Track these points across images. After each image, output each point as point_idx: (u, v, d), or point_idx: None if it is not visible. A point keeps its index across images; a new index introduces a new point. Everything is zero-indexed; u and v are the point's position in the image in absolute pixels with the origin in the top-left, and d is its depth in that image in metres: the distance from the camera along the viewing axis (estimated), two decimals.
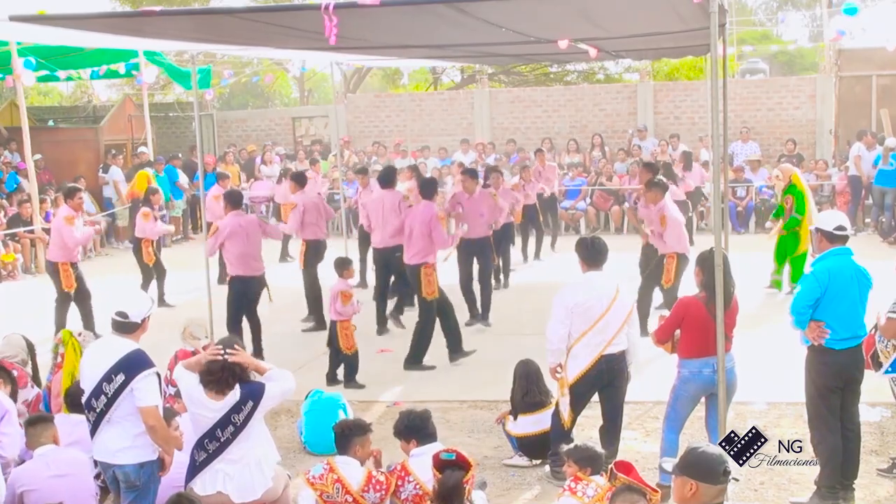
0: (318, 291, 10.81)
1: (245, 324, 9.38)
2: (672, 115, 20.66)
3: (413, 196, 11.84)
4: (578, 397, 6.31)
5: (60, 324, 10.36)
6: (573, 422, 6.35)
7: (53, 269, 10.45)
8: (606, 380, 6.30)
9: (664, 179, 10.21)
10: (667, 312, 6.45)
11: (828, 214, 6.10)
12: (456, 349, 9.26)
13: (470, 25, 7.37)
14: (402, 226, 9.56)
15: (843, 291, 5.71)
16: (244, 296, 9.34)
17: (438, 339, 9.26)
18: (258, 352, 9.09)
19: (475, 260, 10.94)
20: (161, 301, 12.00)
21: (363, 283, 12.42)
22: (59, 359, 6.68)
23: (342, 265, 8.95)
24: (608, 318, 6.18)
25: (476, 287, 10.90)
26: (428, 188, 9.66)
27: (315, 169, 17.10)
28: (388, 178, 10.66)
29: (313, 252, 11.01)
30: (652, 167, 11.47)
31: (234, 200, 9.69)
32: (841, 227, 5.83)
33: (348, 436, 5.38)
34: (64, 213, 10.52)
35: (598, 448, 5.20)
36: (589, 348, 6.18)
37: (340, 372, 8.70)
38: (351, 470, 5.24)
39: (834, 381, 5.82)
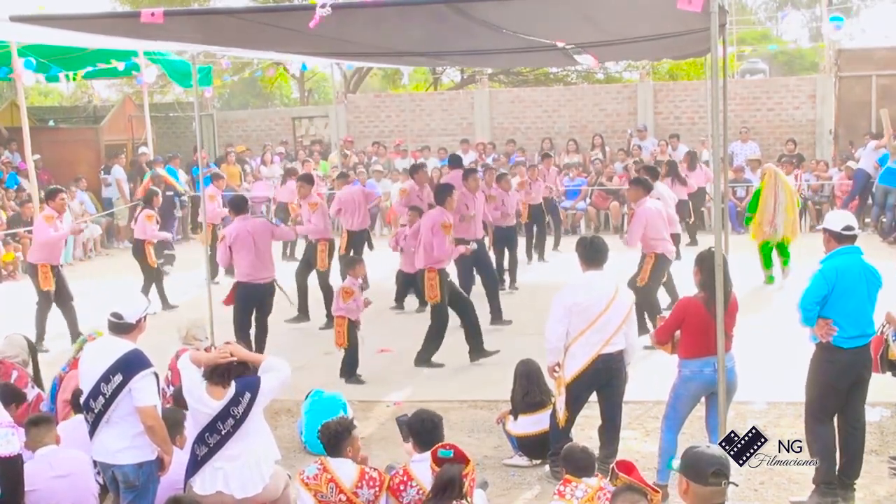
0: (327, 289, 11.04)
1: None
2: (672, 115, 20.66)
3: (405, 196, 12.03)
4: (576, 397, 6.31)
5: (41, 328, 10.37)
6: (569, 421, 6.34)
7: (32, 271, 10.49)
8: (604, 379, 6.30)
9: (648, 179, 10.24)
10: (666, 314, 6.46)
11: (835, 215, 6.13)
12: (477, 349, 9.26)
13: (470, 29, 7.37)
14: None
15: (851, 289, 5.73)
16: (250, 301, 9.20)
17: (449, 338, 9.32)
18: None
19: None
20: (164, 303, 12.02)
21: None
22: (78, 356, 6.64)
23: (349, 263, 9.03)
24: (606, 317, 6.18)
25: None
26: (440, 194, 9.62)
27: (306, 168, 17.16)
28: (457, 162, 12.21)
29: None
30: (651, 171, 11.54)
31: (236, 206, 9.54)
32: (849, 227, 5.86)
33: (340, 438, 5.31)
34: (44, 212, 10.58)
35: (591, 453, 5.16)
36: (587, 347, 6.18)
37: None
38: (344, 468, 5.22)
39: (839, 380, 5.83)
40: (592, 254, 6.37)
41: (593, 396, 6.46)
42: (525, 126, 21.33)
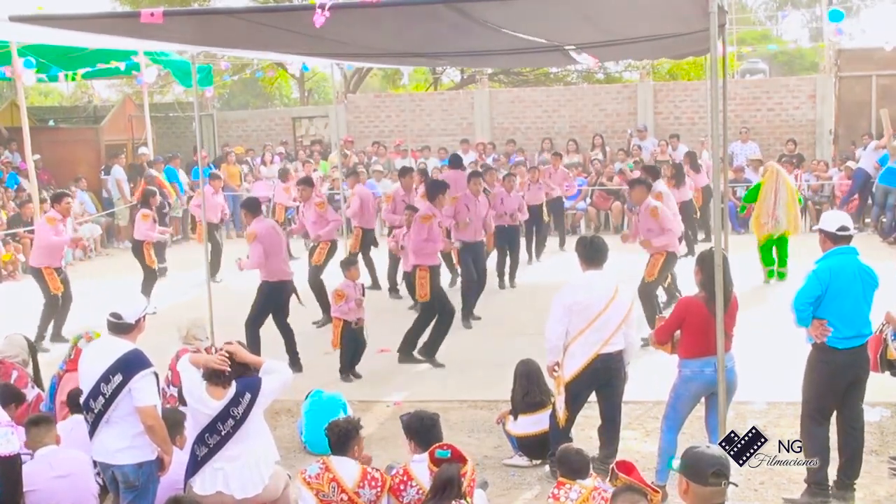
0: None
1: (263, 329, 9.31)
2: (672, 115, 20.66)
3: (391, 203, 12.10)
4: (575, 396, 6.30)
5: (43, 329, 10.39)
6: (569, 420, 6.33)
7: (37, 275, 10.48)
8: (603, 379, 6.29)
9: (648, 179, 10.32)
10: (666, 315, 6.46)
11: (830, 215, 6.13)
12: (407, 351, 9.32)
13: (470, 30, 7.36)
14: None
15: (845, 290, 5.73)
16: (274, 300, 9.17)
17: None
18: (294, 361, 9.05)
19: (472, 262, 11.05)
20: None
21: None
22: (73, 355, 6.66)
23: (345, 264, 9.04)
24: (606, 317, 6.18)
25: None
26: (431, 190, 9.65)
27: (306, 169, 17.29)
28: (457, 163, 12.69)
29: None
30: (651, 170, 11.60)
31: (253, 208, 9.48)
32: (844, 228, 5.87)
33: (348, 437, 5.33)
34: (48, 214, 10.60)
35: (585, 455, 5.12)
36: (586, 346, 6.18)
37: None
38: (346, 468, 5.23)
39: (835, 381, 5.84)
40: (592, 253, 6.37)
41: (593, 396, 6.46)
42: (525, 126, 21.33)
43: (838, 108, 19.75)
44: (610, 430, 6.43)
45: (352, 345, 8.78)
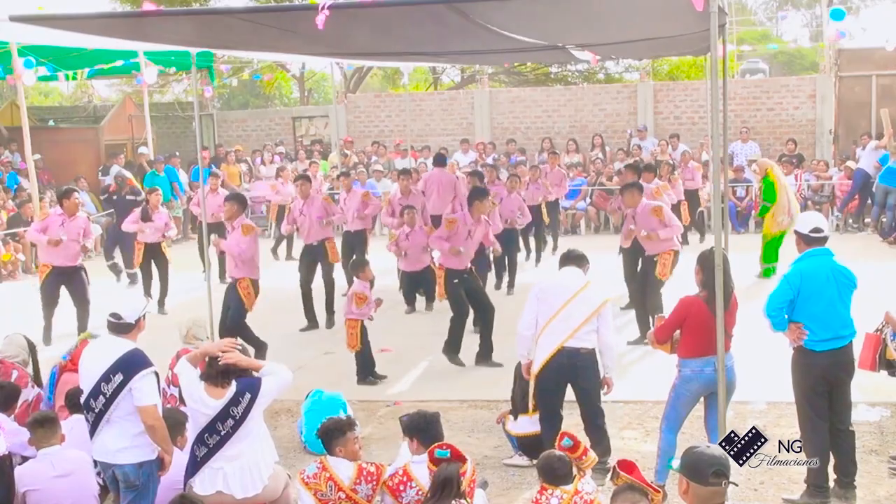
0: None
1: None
2: (672, 115, 20.67)
3: (389, 205, 12.12)
4: (543, 392, 6.33)
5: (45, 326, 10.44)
6: (552, 415, 6.34)
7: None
8: (570, 376, 6.29)
9: (639, 182, 10.42)
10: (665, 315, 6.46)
11: (805, 216, 6.13)
12: (484, 356, 9.27)
13: (470, 31, 7.36)
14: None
15: (818, 292, 5.73)
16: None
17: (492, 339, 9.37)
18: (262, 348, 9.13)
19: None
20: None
21: None
22: (67, 356, 6.66)
23: (357, 266, 8.90)
24: (570, 309, 6.23)
25: None
26: (470, 196, 9.84)
27: (313, 169, 17.28)
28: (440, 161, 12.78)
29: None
30: (634, 168, 11.66)
31: (244, 203, 9.82)
32: (817, 230, 5.87)
33: (330, 437, 5.35)
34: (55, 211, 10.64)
35: (568, 461, 5.03)
36: (551, 337, 6.24)
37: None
38: (342, 466, 5.24)
39: (816, 383, 5.84)
40: (566, 258, 6.60)
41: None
42: (525, 126, 21.33)
43: (838, 108, 19.76)
44: (594, 431, 6.37)
45: (369, 345, 8.72)
